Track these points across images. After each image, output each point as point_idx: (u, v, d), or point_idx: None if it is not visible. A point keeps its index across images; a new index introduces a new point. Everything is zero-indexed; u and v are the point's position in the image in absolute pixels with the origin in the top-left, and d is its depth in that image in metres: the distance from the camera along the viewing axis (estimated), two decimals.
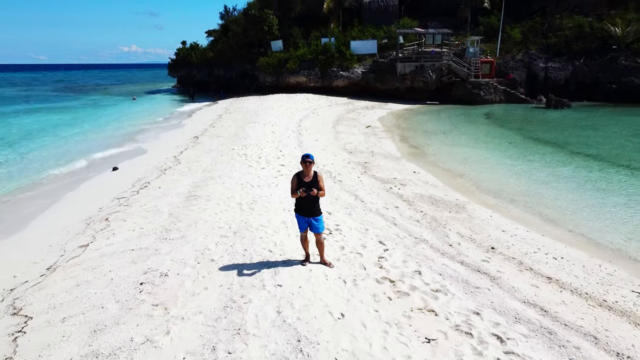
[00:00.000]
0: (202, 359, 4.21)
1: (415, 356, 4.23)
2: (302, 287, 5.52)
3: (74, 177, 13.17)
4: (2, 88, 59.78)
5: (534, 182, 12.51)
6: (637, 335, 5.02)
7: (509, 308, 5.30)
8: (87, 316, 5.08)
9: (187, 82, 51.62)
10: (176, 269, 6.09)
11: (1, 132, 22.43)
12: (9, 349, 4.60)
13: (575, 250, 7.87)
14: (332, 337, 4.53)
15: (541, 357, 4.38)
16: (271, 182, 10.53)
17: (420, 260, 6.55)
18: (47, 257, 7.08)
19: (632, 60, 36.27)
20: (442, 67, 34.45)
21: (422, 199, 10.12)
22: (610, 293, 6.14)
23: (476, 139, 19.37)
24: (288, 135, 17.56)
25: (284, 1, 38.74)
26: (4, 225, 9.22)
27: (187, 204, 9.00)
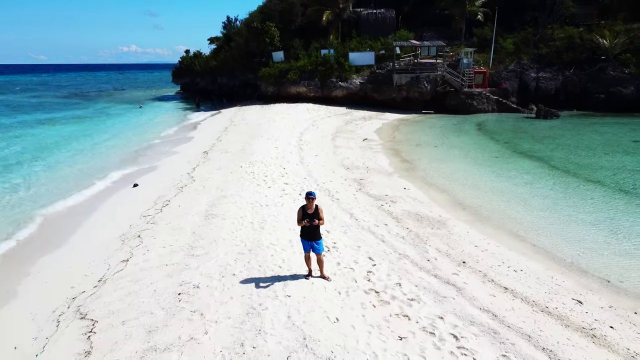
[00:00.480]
0: (234, 352, 5.73)
1: (390, 349, 5.75)
2: (305, 297, 7.04)
3: (98, 194, 14.67)
4: (12, 94, 61.26)
5: (512, 198, 14.01)
6: (564, 334, 6.54)
7: (467, 313, 6.82)
8: (140, 320, 6.60)
9: (190, 89, 53.20)
10: (205, 281, 7.62)
11: (21, 146, 23.94)
12: (87, 345, 6.12)
13: (534, 263, 9.38)
14: (329, 336, 6.05)
15: (484, 351, 5.90)
16: (277, 201, 12.04)
17: (402, 273, 8.07)
18: (95, 270, 8.59)
19: (619, 71, 37.87)
20: (436, 78, 36.00)
21: (409, 216, 11.65)
22: (554, 301, 7.66)
23: (465, 153, 20.90)
24: (290, 150, 19.08)
25: (285, 14, 40.26)
26: (46, 242, 10.72)
27: (206, 223, 10.52)
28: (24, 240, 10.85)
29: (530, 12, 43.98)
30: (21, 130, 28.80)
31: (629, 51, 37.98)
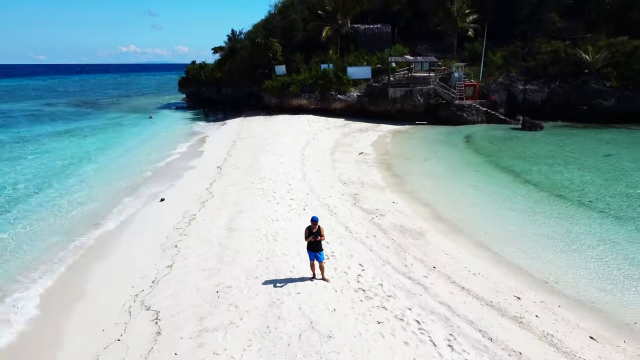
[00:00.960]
0: (262, 332, 8.22)
1: (371, 330, 8.24)
2: (311, 294, 9.53)
3: (129, 207, 17.15)
4: (26, 101, 63.72)
5: (486, 212, 16.44)
6: (498, 320, 9.02)
7: (429, 306, 9.31)
8: (191, 311, 9.09)
9: (196, 98, 55.66)
10: (235, 283, 10.10)
11: (47, 159, 26.43)
12: (156, 328, 8.60)
13: (491, 268, 11.86)
14: (328, 321, 8.53)
15: (438, 331, 8.38)
16: (286, 216, 14.52)
17: (384, 276, 10.56)
18: (147, 274, 11.07)
19: (601, 84, 40.42)
20: (429, 91, 38.54)
21: (394, 228, 14.14)
22: (498, 297, 10.14)
23: (451, 167, 23.36)
24: (294, 166, 21.58)
25: (287, 29, 42.77)
26: (96, 252, 13.20)
27: (229, 235, 13.01)
28: (81, 251, 13.34)
29: (519, 26, 46.55)
30: (48, 144, 31.27)
31: (610, 65, 40.55)
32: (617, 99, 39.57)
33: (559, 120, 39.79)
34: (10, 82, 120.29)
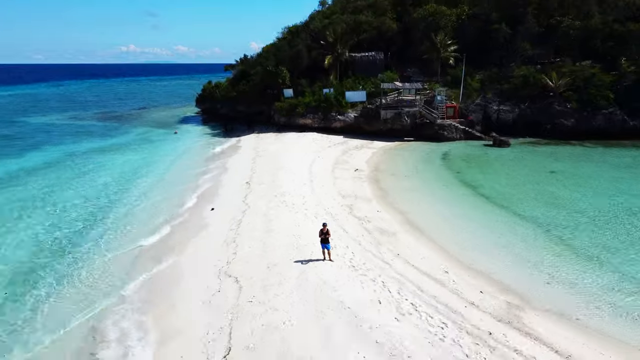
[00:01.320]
0: (298, 286, 15.03)
1: (357, 286, 15.09)
2: (323, 268, 16.36)
3: (189, 217, 23.93)
4: (51, 114, 70.41)
5: (445, 219, 23.19)
6: (435, 287, 15.82)
7: (391, 275, 16.16)
8: (257, 277, 15.89)
9: (210, 113, 62.48)
10: (278, 261, 16.91)
11: (107, 175, 33.24)
12: (238, 286, 15.41)
13: (435, 255, 18.64)
14: (334, 282, 15.35)
15: (393, 285, 15.21)
16: (303, 222, 21.32)
17: (367, 259, 17.42)
18: (221, 258, 17.87)
19: (563, 106, 47.37)
20: (415, 113, 45.40)
21: (376, 230, 20.98)
22: (433, 271, 16.93)
23: (425, 183, 30.12)
24: (304, 182, 28.43)
25: (295, 58, 49.63)
26: (180, 246, 19.98)
27: (268, 235, 19.82)
28: (170, 248, 20.17)
29: (496, 52, 53.26)
30: (99, 161, 37.92)
31: (571, 89, 47.48)
32: (576, 119, 46.58)
33: (527, 137, 46.62)
34: (22, 90, 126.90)
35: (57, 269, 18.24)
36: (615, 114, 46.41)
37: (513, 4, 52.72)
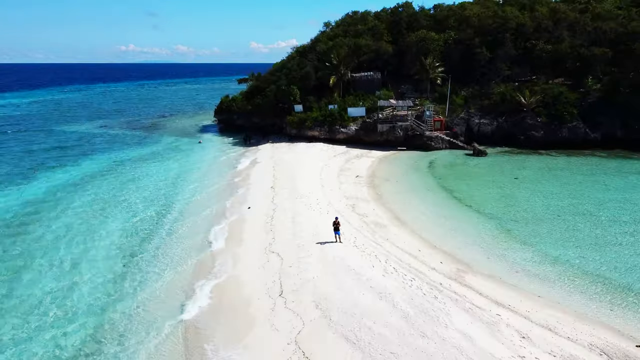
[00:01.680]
0: (320, 258, 22.90)
1: (358, 258, 22.99)
2: (336, 247, 24.24)
3: (235, 211, 31.77)
4: (84, 123, 78.29)
5: (424, 215, 31.07)
6: (407, 257, 23.72)
7: (381, 251, 24.06)
8: (291, 252, 23.75)
9: (227, 123, 70.30)
10: (305, 243, 24.73)
11: (154, 180, 41.08)
12: (281, 262, 23.26)
13: (415, 241, 26.51)
14: (344, 255, 23.22)
15: (382, 257, 23.12)
16: (320, 217, 29.17)
17: (365, 242, 25.32)
18: (265, 242, 25.73)
19: (534, 120, 55.26)
20: (407, 126, 53.32)
21: (372, 222, 28.90)
22: (411, 250, 24.83)
23: (412, 186, 38.01)
24: (316, 187, 36.31)
25: (304, 79, 57.52)
26: (233, 233, 27.82)
27: (295, 226, 27.66)
28: (226, 233, 28.04)
29: (478, 72, 61.12)
30: (143, 168, 45.78)
31: (541, 105, 55.38)
32: (545, 131, 54.54)
33: (503, 147, 54.53)
34: (41, 96, 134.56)
35: (151, 246, 26.04)
36: (579, 127, 54.35)
37: (493, 30, 60.61)
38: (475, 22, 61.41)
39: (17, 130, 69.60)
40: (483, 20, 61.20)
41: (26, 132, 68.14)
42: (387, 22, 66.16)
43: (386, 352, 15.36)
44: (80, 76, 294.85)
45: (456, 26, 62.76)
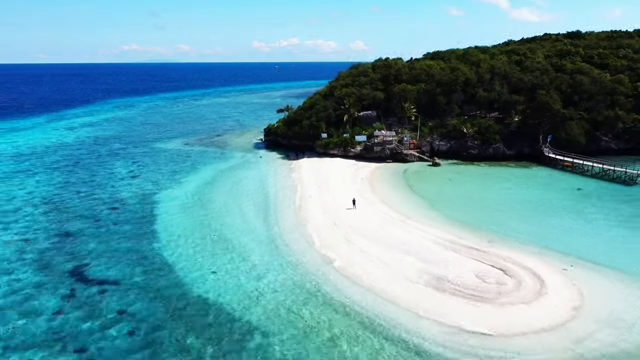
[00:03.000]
0: (350, 216, 56.09)
1: (363, 215, 56.25)
2: (354, 211, 57.39)
3: (300, 199, 64.93)
4: (167, 141, 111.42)
5: (395, 201, 64.22)
6: (393, 220, 56.94)
7: (374, 214, 57.32)
8: (339, 213, 56.95)
9: (273, 142, 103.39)
10: (343, 211, 57.90)
11: (248, 184, 74.31)
12: (333, 216, 56.40)
13: (392, 212, 59.62)
14: (358, 214, 56.36)
15: (376, 217, 56.37)
16: (345, 198, 62.10)
17: (366, 210, 58.56)
18: (322, 211, 58.88)
19: (472, 142, 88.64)
20: (392, 148, 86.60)
21: (368, 202, 62.12)
22: (393, 217, 58.02)
23: (392, 184, 71.17)
24: (340, 185, 69.55)
25: (327, 117, 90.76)
26: (302, 209, 60.97)
27: (334, 203, 60.69)
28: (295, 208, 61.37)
29: (439, 109, 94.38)
30: (237, 177, 78.92)
31: (477, 133, 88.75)
32: (478, 150, 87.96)
33: (453, 160, 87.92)
34: (102, 115, 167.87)
35: (271, 206, 58.80)
36: (500, 147, 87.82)
37: (449, 83, 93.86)
38: (437, 77, 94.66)
39: (125, 146, 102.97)
40: (442, 77, 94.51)
41: (135, 149, 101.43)
42: (381, 74, 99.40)
43: (380, 239, 48.49)
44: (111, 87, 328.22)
45: (425, 79, 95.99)
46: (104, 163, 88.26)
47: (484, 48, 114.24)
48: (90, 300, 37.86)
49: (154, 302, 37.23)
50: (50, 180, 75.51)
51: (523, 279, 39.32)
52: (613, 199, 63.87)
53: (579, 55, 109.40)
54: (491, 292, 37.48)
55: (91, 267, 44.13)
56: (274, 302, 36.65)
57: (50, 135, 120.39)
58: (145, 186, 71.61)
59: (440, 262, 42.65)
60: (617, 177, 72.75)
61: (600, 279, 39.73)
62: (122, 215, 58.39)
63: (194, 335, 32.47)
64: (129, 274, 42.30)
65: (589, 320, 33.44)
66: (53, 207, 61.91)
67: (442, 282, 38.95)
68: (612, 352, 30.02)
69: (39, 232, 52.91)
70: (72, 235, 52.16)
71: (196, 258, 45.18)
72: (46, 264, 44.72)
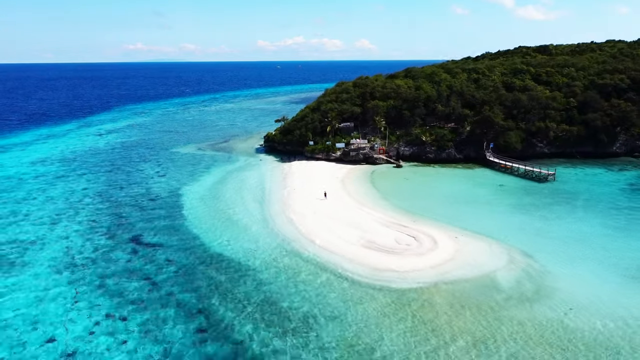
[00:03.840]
0: (325, 204, 77.88)
1: (333, 205, 78.06)
2: (325, 200, 79.18)
3: (288, 192, 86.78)
4: (182, 146, 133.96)
5: (361, 194, 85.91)
6: (360, 208, 78.66)
7: (341, 202, 79.14)
8: (314, 204, 78.76)
9: (271, 147, 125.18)
10: (317, 200, 79.71)
11: (251, 183, 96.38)
12: (307, 201, 78.21)
13: (354, 202, 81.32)
14: (327, 203, 78.13)
15: (350, 208, 78.17)
16: (321, 190, 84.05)
17: (336, 200, 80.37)
18: (307, 199, 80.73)
19: (430, 148, 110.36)
20: (365, 153, 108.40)
21: (338, 195, 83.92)
22: (367, 201, 79.77)
23: (360, 182, 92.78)
24: (319, 180, 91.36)
25: (314, 127, 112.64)
26: (291, 195, 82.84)
27: (312, 193, 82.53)
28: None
29: (405, 121, 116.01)
30: (243, 177, 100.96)
31: (434, 140, 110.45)
32: (434, 154, 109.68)
33: (414, 162, 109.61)
34: (122, 120, 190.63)
35: (267, 195, 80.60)
36: (452, 152, 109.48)
37: (413, 99, 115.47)
38: (404, 95, 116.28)
39: (149, 150, 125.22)
40: (408, 94, 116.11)
41: (158, 153, 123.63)
42: (359, 92, 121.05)
43: (339, 220, 70.18)
44: (123, 93, 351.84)
45: (394, 96, 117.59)
46: (135, 165, 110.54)
47: (449, 68, 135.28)
48: (147, 254, 59.97)
49: (188, 255, 59.20)
50: (97, 179, 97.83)
51: (424, 242, 60.94)
52: (522, 192, 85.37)
53: (529, 74, 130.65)
54: (401, 249, 59.17)
55: (143, 236, 66.18)
56: (264, 255, 58.45)
57: (84, 141, 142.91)
58: (171, 183, 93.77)
59: (375, 233, 64.36)
60: (535, 176, 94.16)
61: (476, 243, 61.22)
62: (157, 204, 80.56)
63: (214, 272, 54.39)
64: (169, 240, 64.32)
65: (454, 264, 55.03)
66: (105, 198, 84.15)
67: (371, 244, 60.68)
68: (458, 278, 51.62)
69: (101, 216, 75.04)
70: (124, 217, 74.28)
71: (213, 231, 67.16)
72: (112, 235, 66.81)
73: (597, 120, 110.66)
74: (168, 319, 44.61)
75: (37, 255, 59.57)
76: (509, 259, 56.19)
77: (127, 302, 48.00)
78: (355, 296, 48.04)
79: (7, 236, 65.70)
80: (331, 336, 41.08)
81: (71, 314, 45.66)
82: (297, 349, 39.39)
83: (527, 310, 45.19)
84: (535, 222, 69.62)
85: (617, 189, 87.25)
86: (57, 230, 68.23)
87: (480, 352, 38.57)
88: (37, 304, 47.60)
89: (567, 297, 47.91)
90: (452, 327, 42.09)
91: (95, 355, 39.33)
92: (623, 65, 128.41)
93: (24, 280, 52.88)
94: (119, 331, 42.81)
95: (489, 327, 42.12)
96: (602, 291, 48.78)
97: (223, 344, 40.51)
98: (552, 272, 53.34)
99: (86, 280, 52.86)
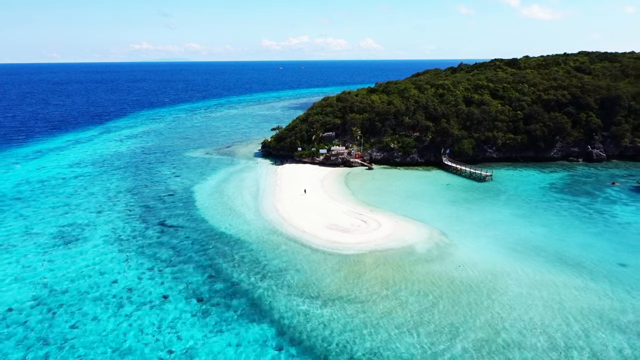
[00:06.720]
0: (311, 210, 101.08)
1: (312, 199, 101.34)
2: (306, 196, 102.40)
3: (278, 189, 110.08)
4: (194, 150, 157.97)
5: (336, 193, 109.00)
6: (336, 205, 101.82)
7: (319, 198, 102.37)
8: (298, 199, 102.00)
9: (267, 152, 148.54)
10: (300, 196, 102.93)
11: (249, 183, 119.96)
12: (293, 200, 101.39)
13: (326, 197, 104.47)
14: (306, 198, 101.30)
15: (322, 200, 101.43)
16: (302, 188, 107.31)
17: (316, 196, 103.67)
18: (290, 195, 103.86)
19: (397, 153, 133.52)
20: (343, 157, 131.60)
21: (317, 193, 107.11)
22: (341, 194, 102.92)
23: (336, 182, 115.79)
24: (303, 180, 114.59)
25: (303, 136, 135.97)
26: (280, 193, 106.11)
27: (296, 190, 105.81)
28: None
29: (377, 131, 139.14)
30: (242, 178, 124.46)
31: (401, 147, 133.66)
32: (401, 158, 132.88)
33: (384, 165, 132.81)
34: (139, 126, 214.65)
35: (261, 191, 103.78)
36: (415, 157, 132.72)
37: (383, 114, 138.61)
38: (377, 109, 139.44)
39: (164, 154, 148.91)
40: (381, 108, 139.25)
41: (172, 157, 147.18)
42: (341, 106, 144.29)
43: (313, 210, 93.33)
44: (134, 98, 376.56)
45: (369, 110, 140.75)
46: (154, 167, 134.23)
47: (419, 84, 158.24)
48: (171, 232, 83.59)
49: (200, 234, 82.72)
50: (125, 178, 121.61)
51: (371, 225, 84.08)
52: (462, 189, 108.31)
53: (488, 89, 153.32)
54: (353, 229, 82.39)
55: (167, 221, 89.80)
56: (255, 233, 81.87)
57: (108, 146, 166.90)
58: (185, 182, 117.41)
59: (337, 219, 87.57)
60: (477, 177, 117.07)
61: (409, 226, 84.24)
62: (176, 198, 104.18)
63: (219, 244, 77.82)
64: (186, 223, 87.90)
65: (388, 239, 78.10)
66: (134, 194, 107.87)
67: (333, 226, 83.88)
68: (388, 248, 74.75)
69: (133, 206, 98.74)
70: (151, 208, 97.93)
71: (218, 217, 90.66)
72: (144, 220, 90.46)
73: (537, 130, 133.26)
74: (189, 270, 68.09)
75: (93, 233, 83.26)
76: (428, 236, 79.21)
77: (161, 261, 71.50)
78: (314, 258, 71.28)
79: (68, 220, 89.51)
80: (295, 279, 64.36)
81: (125, 268, 69.19)
82: (272, 286, 62.65)
83: (428, 266, 68.24)
84: (460, 211, 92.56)
85: (538, 187, 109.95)
86: (102, 217, 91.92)
87: (387, 285, 61.79)
88: (100, 263, 71.17)
89: (460, 259, 70.82)
90: (373, 274, 65.34)
91: (144, 289, 62.73)
92: (568, 82, 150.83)
93: (88, 249, 76.49)
94: (157, 277, 66.22)
95: (398, 274, 65.32)
96: (486, 257, 71.65)
97: (225, 283, 63.87)
98: (456, 244, 76.25)
99: (131, 249, 76.41)
